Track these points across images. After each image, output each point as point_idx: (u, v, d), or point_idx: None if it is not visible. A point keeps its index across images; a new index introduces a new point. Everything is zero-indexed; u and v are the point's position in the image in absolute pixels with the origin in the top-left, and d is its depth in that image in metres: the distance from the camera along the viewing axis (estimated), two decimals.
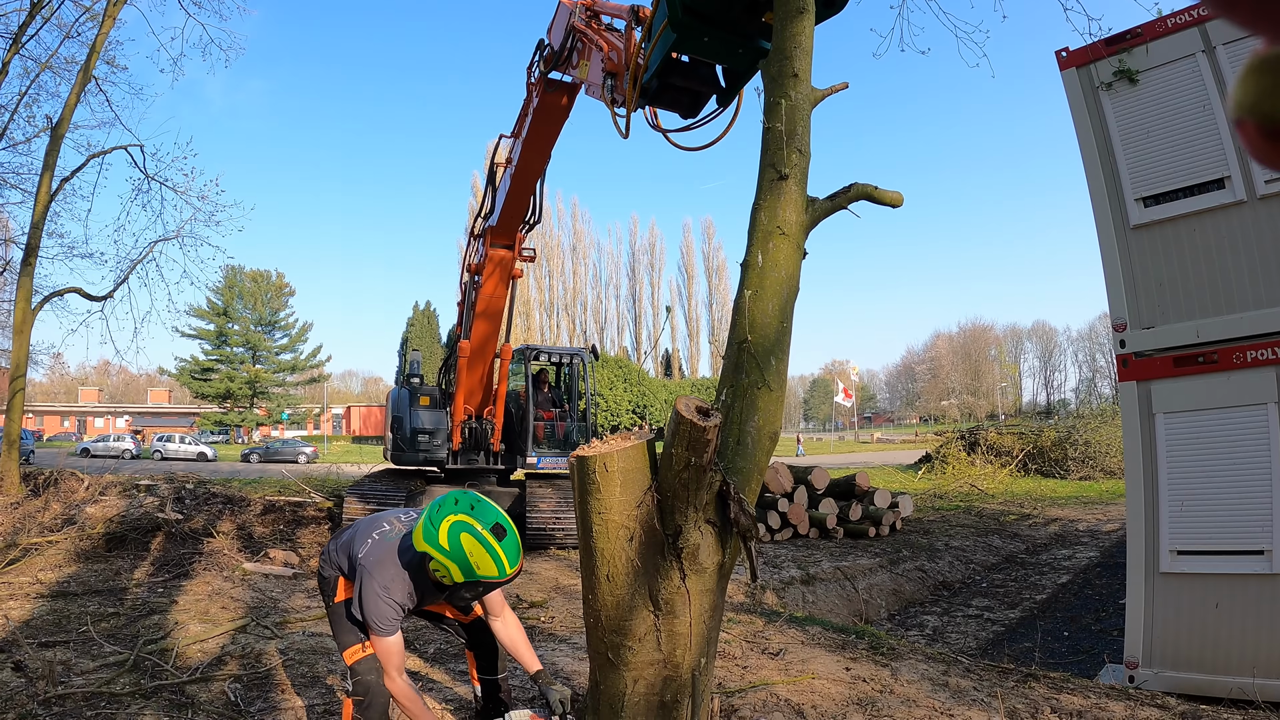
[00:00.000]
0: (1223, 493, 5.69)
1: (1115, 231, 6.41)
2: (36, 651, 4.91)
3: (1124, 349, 6.27)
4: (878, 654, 5.61)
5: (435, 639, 5.76)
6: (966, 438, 28.18)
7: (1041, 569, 12.67)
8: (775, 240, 3.26)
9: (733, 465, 3.00)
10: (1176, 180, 6.11)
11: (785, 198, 3.29)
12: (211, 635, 5.57)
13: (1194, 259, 6.04)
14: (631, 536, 2.83)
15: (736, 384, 3.13)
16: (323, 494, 14.23)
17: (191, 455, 42.68)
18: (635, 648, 2.89)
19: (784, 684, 4.80)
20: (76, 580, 7.26)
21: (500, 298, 10.02)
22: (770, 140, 3.38)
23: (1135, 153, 6.34)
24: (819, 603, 9.81)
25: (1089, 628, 9.08)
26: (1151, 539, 5.97)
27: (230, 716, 4.11)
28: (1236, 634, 5.49)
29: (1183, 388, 5.93)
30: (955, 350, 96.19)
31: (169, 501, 11.28)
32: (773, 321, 3.18)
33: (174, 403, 78.28)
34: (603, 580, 2.88)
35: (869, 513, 13.86)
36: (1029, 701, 4.57)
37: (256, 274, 65.03)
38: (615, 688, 2.96)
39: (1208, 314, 5.87)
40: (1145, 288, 6.24)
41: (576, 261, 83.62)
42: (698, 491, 2.76)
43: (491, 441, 11.25)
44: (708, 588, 2.91)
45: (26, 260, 12.02)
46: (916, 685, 4.84)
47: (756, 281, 3.22)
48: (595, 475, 2.81)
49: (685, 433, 2.65)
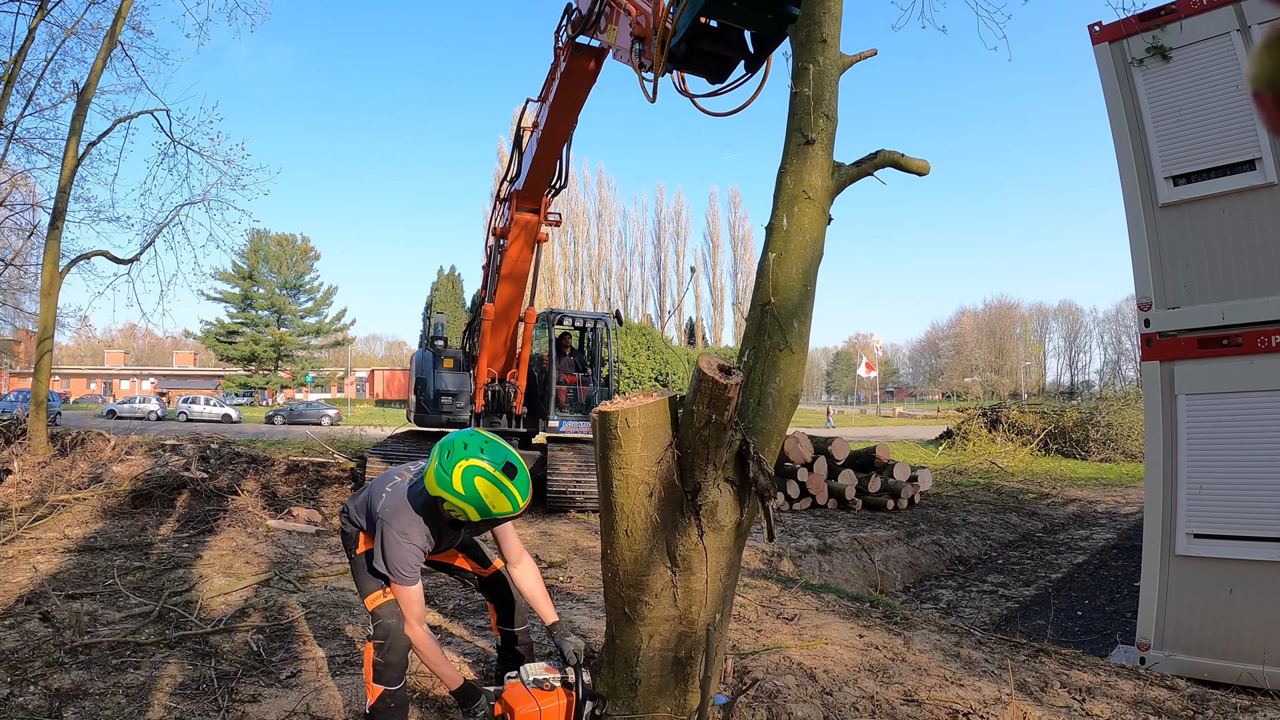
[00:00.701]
0: (1242, 477, 5.63)
1: (1143, 209, 6.34)
2: (64, 603, 5.01)
3: (1148, 328, 6.21)
4: (891, 623, 5.63)
5: (454, 595, 5.84)
6: (988, 415, 28.03)
7: (1058, 548, 12.64)
8: (800, 204, 3.27)
9: (753, 426, 3.03)
10: (1207, 160, 6.02)
11: (811, 162, 3.30)
12: (235, 589, 5.68)
13: (1222, 240, 5.96)
14: (651, 492, 2.85)
15: (759, 346, 3.15)
16: (346, 455, 14.41)
17: (216, 417, 43.29)
18: (652, 603, 2.93)
19: (797, 648, 4.83)
20: (103, 535, 7.40)
21: (525, 261, 10.04)
22: (797, 105, 3.38)
23: (1166, 131, 6.25)
24: (835, 572, 9.85)
25: (1103, 608, 9.08)
26: (1169, 520, 5.93)
27: (252, 666, 4.19)
28: (1250, 620, 5.46)
29: (1206, 370, 5.86)
30: (980, 327, 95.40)
31: (194, 461, 11.47)
32: (796, 285, 3.19)
33: (199, 365, 79.30)
34: (621, 535, 2.92)
35: (888, 485, 13.88)
36: (1039, 675, 4.58)
37: (282, 238, 65.49)
38: (631, 642, 3.01)
39: (1234, 296, 5.79)
40: (1172, 267, 6.17)
41: (602, 228, 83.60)
42: (718, 449, 2.78)
43: (514, 405, 11.34)
44: (725, 546, 2.94)
45: (54, 224, 12.10)
46: (928, 655, 4.86)
47: (781, 244, 3.24)
48: (617, 430, 2.83)
49: (707, 390, 2.67)
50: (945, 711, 3.88)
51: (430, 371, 11.56)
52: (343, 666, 4.24)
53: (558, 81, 7.78)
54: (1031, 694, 4.25)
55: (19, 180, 14.78)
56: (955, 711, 3.88)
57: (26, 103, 12.79)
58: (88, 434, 12.38)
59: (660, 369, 65.31)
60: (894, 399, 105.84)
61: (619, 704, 3.07)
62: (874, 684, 4.25)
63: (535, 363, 12.15)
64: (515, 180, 9.64)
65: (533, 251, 10.02)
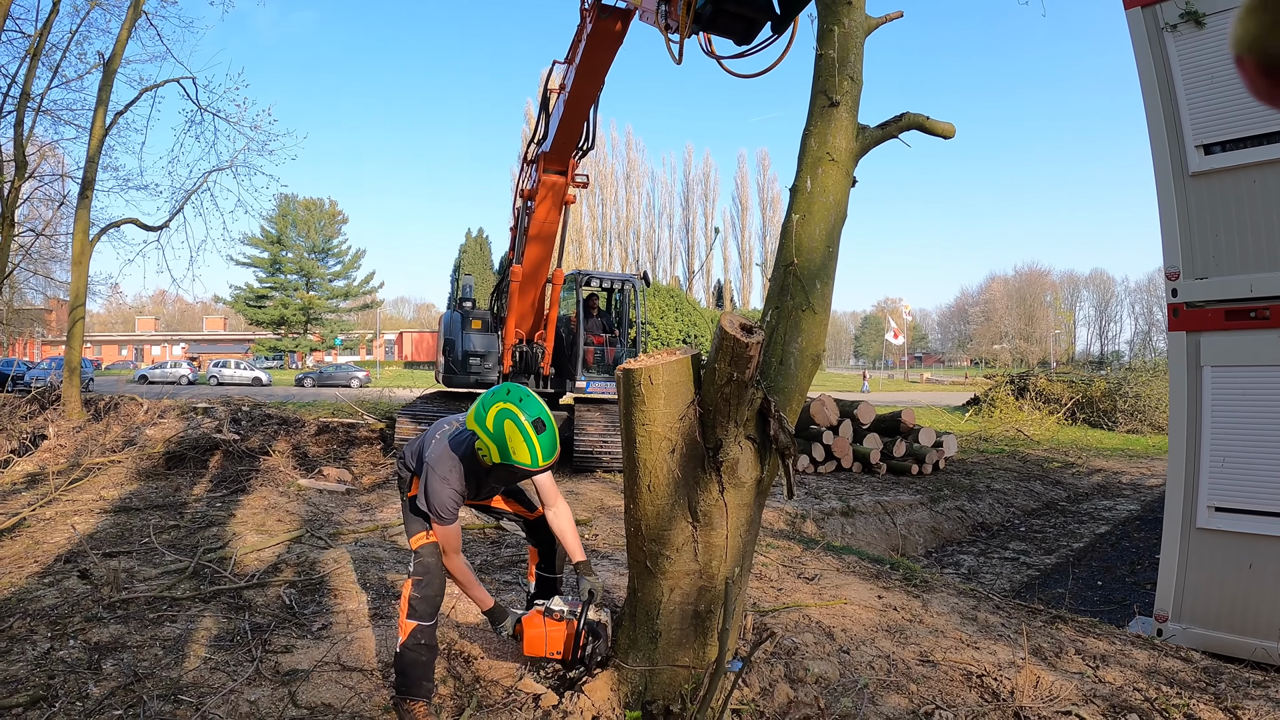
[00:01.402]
0: (1266, 452, 5.56)
1: (1173, 178, 6.22)
2: (101, 560, 5.15)
3: (1175, 298, 6.12)
4: (910, 585, 5.67)
5: (480, 553, 5.96)
6: (1016, 383, 27.80)
7: (1081, 518, 12.60)
8: (824, 166, 3.26)
9: (774, 385, 3.05)
10: (1239, 129, 5.87)
11: (835, 124, 3.29)
12: (268, 545, 5.82)
13: (1252, 211, 5.83)
14: (673, 448, 2.90)
15: (781, 306, 3.17)
16: (375, 416, 14.62)
17: (247, 380, 44.00)
18: (673, 557, 2.99)
19: (816, 607, 4.88)
20: (138, 496, 7.58)
21: (553, 223, 10.03)
22: (822, 67, 3.36)
23: (1198, 98, 6.10)
24: (858, 535, 9.88)
25: (1123, 579, 9.06)
26: (1190, 492, 5.90)
27: (285, 618, 4.32)
28: (1269, 596, 5.43)
29: (1233, 342, 5.80)
30: (1010, 294, 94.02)
31: (226, 423, 11.69)
32: (819, 246, 3.19)
33: (229, 330, 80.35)
34: (644, 490, 2.97)
35: (913, 450, 13.83)
36: (1054, 641, 4.61)
37: (310, 202, 65.90)
38: (652, 596, 3.08)
39: (1263, 269, 5.68)
40: (1201, 237, 6.06)
41: (630, 190, 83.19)
42: (739, 407, 2.81)
43: (541, 365, 11.38)
44: (745, 502, 2.98)
45: (83, 194, 12.24)
46: (946, 617, 4.90)
47: (805, 206, 3.24)
48: (640, 387, 2.89)
49: (729, 348, 2.70)
50: (960, 673, 3.93)
51: (458, 333, 11.66)
52: (372, 619, 4.36)
53: (584, 43, 7.73)
54: (1046, 659, 4.28)
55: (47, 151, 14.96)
56: (970, 673, 3.93)
57: (53, 75, 12.89)
58: (120, 399, 12.67)
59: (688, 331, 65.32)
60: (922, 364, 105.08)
61: (639, 655, 3.14)
62: (891, 644, 4.30)
63: (563, 324, 12.17)
64: (542, 142, 9.61)
65: (560, 213, 9.99)
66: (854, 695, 3.57)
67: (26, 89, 11.77)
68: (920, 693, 3.66)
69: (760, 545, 6.71)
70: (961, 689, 3.76)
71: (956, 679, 3.87)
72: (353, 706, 3.37)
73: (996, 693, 3.72)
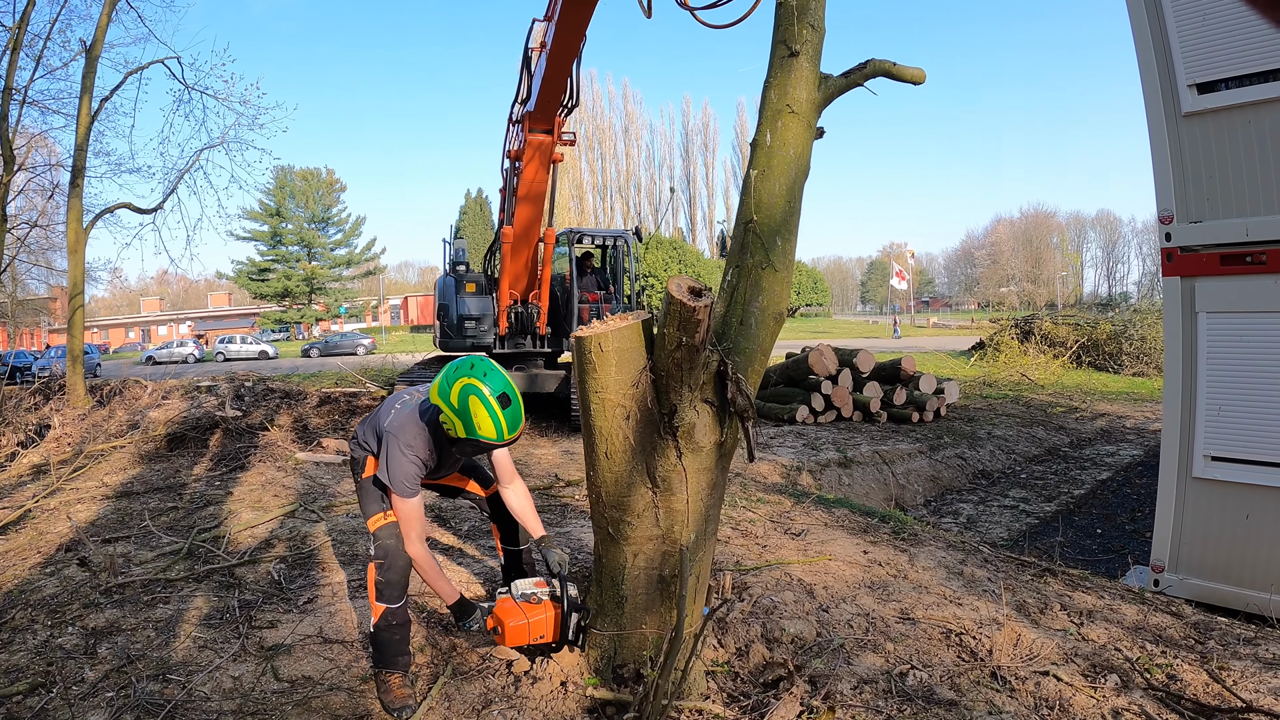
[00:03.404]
0: (1263, 401, 5.48)
1: (1165, 118, 6.03)
2: (100, 547, 5.24)
3: (1169, 243, 5.99)
4: (899, 539, 5.67)
5: (470, 518, 6.02)
6: (1021, 326, 27.50)
7: (1083, 464, 12.49)
8: (785, 119, 3.18)
9: (735, 345, 3.02)
10: (1233, 67, 5.66)
11: (796, 75, 3.19)
12: (262, 521, 5.90)
13: (1248, 152, 5.65)
14: (628, 415, 2.90)
15: (742, 264, 3.12)
16: (378, 384, 14.71)
17: (253, 354, 44.31)
18: (634, 523, 3.01)
19: (800, 564, 4.90)
20: (139, 480, 7.66)
21: (541, 182, 9.98)
22: (782, 15, 3.25)
23: (1190, 35, 5.90)
24: (855, 486, 9.86)
25: (1123, 527, 9.02)
26: (1186, 441, 5.83)
27: (273, 594, 4.40)
28: (1265, 547, 5.38)
29: (1228, 287, 5.67)
30: (1016, 236, 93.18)
31: (228, 400, 11.74)
32: (779, 202, 3.13)
33: (234, 305, 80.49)
34: (602, 458, 2.98)
35: (913, 398, 13.78)
36: (1040, 596, 4.61)
37: (306, 172, 65.61)
38: (616, 561, 3.10)
39: (1259, 212, 5.53)
40: (1195, 180, 5.91)
41: (629, 143, 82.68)
42: (692, 371, 2.79)
43: (538, 325, 11.42)
44: (705, 466, 2.98)
45: (74, 182, 12.20)
46: (931, 572, 4.90)
47: (764, 161, 3.17)
48: (591, 355, 2.87)
49: (676, 313, 2.68)
50: (939, 631, 3.93)
51: (453, 297, 11.68)
52: (357, 590, 4.43)
53: (560, 1, 7.68)
54: (1030, 615, 4.28)
55: (37, 142, 14.87)
56: (949, 631, 3.93)
57: (36, 65, 12.75)
58: (125, 383, 12.70)
59: None
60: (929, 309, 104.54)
61: (607, 620, 3.18)
62: (872, 601, 4.31)
63: (558, 283, 12.14)
64: (526, 102, 9.54)
65: (548, 172, 9.94)
66: (829, 655, 3.60)
67: (9, 83, 11.63)
68: (897, 652, 3.67)
69: (750, 500, 6.76)
70: (939, 648, 3.78)
71: (935, 637, 3.88)
72: (331, 678, 3.44)
73: (975, 652, 3.73)
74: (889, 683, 3.34)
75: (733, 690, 3.34)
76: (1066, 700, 3.26)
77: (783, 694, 3.16)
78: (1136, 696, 3.29)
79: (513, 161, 10.04)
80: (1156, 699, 3.29)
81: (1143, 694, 3.32)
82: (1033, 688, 3.36)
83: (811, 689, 3.25)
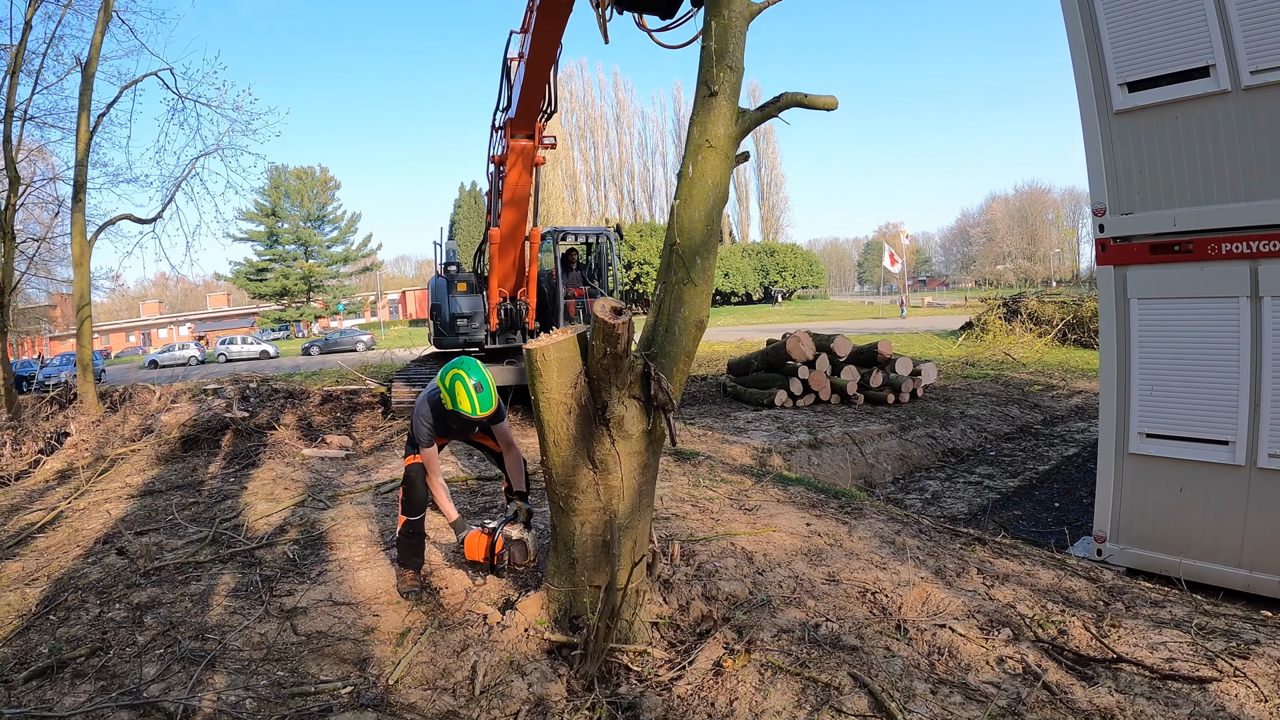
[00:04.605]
0: (1191, 381, 5.80)
1: (1098, 115, 6.35)
2: (135, 538, 5.95)
3: (1103, 233, 6.31)
4: (844, 513, 6.25)
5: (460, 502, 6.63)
6: (1008, 305, 27.65)
7: (1053, 440, 12.76)
8: (704, 153, 3.65)
9: (661, 350, 3.63)
10: (1161, 66, 5.96)
11: (715, 113, 3.65)
12: (275, 511, 6.58)
13: (1175, 147, 5.97)
14: (570, 410, 3.56)
15: (667, 281, 3.67)
16: (377, 380, 15.30)
17: (254, 354, 44.75)
18: (580, 498, 3.68)
19: (746, 535, 5.51)
20: (159, 479, 8.32)
21: (525, 185, 10.47)
22: (703, 59, 3.69)
23: (1121, 36, 6.20)
24: (824, 466, 10.24)
25: (1081, 500, 9.25)
26: (1122, 419, 6.17)
27: (289, 569, 5.12)
28: (1198, 518, 5.70)
29: (1158, 275, 5.98)
30: (1011, 213, 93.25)
31: (235, 402, 12.38)
32: (699, 227, 3.66)
33: (233, 305, 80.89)
34: (551, 445, 3.65)
35: (889, 380, 14.15)
36: (961, 562, 5.08)
37: (301, 171, 66.03)
38: (567, 530, 3.79)
39: (1186, 203, 5.83)
40: (1126, 174, 6.21)
41: (621, 132, 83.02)
42: (618, 374, 3.44)
43: (526, 320, 11.97)
44: (635, 450, 3.65)
45: (76, 197, 12.57)
46: (865, 541, 5.46)
47: (686, 191, 3.67)
48: (538, 363, 3.53)
49: (601, 329, 3.33)
50: (857, 590, 4.52)
51: (444, 297, 12.24)
52: (361, 564, 5.14)
53: (536, 13, 8.19)
54: (945, 578, 4.75)
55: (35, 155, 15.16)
56: (866, 590, 4.51)
57: (35, 83, 13.06)
58: (133, 388, 13.27)
59: None
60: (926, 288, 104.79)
61: (561, 579, 3.88)
62: (805, 566, 4.93)
63: (545, 279, 12.69)
64: (508, 109, 10.02)
65: (531, 176, 10.44)
66: (756, 610, 4.24)
67: (10, 106, 12.01)
68: (816, 607, 4.26)
69: (714, 481, 7.38)
70: (855, 604, 4.34)
71: (853, 596, 4.45)
72: (340, 632, 4.18)
73: (885, 608, 4.27)
74: (804, 632, 3.96)
75: (673, 639, 4.04)
76: (957, 648, 3.76)
77: (709, 639, 3.85)
78: (1023, 647, 3.75)
79: (497, 166, 10.58)
80: (1041, 649, 3.73)
81: (1030, 645, 3.77)
82: (929, 638, 3.88)
83: (737, 636, 3.92)
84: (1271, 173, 5.40)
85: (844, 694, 3.38)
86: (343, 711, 3.32)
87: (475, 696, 3.49)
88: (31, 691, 3.56)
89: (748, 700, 3.38)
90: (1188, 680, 3.43)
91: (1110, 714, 3.21)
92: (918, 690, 3.42)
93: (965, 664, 3.66)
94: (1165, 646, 3.77)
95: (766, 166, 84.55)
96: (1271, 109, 5.34)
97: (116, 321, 76.72)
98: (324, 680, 3.65)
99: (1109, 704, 3.26)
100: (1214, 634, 3.95)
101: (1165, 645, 3.79)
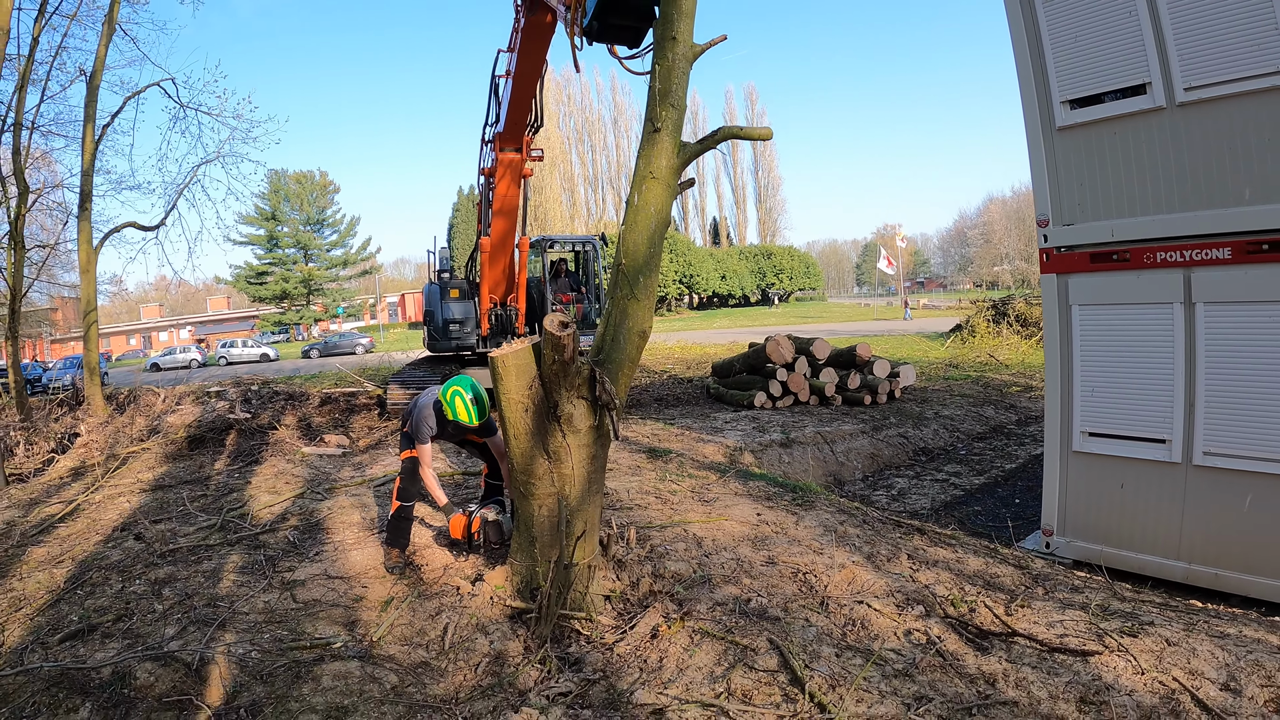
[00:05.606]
0: (1130, 382, 6.07)
1: (1042, 131, 6.64)
2: (150, 525, 6.59)
3: (1046, 243, 6.62)
4: (795, 505, 6.73)
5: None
6: (997, 307, 27.51)
7: (1023, 440, 13.01)
8: (648, 183, 4.09)
9: (608, 357, 4.19)
10: (1101, 84, 6.22)
11: (658, 147, 4.07)
12: (277, 502, 7.21)
13: (1113, 161, 6.23)
14: (527, 409, 4.16)
15: (614, 296, 4.20)
16: (375, 383, 15.84)
17: (255, 357, 45.16)
18: (537, 485, 4.28)
19: (699, 523, 6.05)
20: (169, 475, 8.95)
21: (514, 196, 10.99)
22: (649, 98, 4.10)
23: (1063, 55, 6.46)
24: (794, 464, 10.64)
25: (1040, 497, 9.53)
26: (1066, 419, 6.47)
27: (290, 550, 5.76)
28: (1139, 512, 6.01)
29: (1097, 282, 6.26)
30: (1008, 215, 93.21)
31: (237, 404, 12.99)
32: (642, 249, 4.13)
33: (233, 308, 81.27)
34: (512, 439, 4.26)
35: (867, 382, 14.51)
36: (894, 549, 5.51)
37: (300, 176, 66.60)
38: (527, 512, 4.39)
39: (1123, 214, 6.10)
40: (1068, 187, 6.49)
41: (618, 134, 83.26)
42: (567, 378, 4.03)
43: (516, 326, 12.50)
44: (584, 443, 4.24)
45: (82, 206, 13.02)
46: (810, 530, 5.94)
47: (631, 218, 4.14)
48: (500, 369, 4.13)
49: (550, 339, 3.93)
50: (791, 571, 5.02)
51: (438, 303, 12.78)
52: (354, 546, 5.77)
53: (520, 34, 8.66)
54: (875, 563, 5.16)
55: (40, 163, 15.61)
56: (798, 571, 5.01)
57: (41, 94, 13.49)
58: (138, 391, 13.87)
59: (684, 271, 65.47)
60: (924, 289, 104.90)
61: (523, 555, 4.50)
62: (748, 550, 5.45)
63: (534, 285, 13.22)
64: (496, 124, 10.50)
65: (519, 187, 10.96)
66: (696, 586, 4.83)
67: (19, 118, 12.42)
68: (751, 585, 4.80)
69: (680, 476, 7.94)
70: (786, 583, 4.84)
71: (786, 575, 4.95)
72: (333, 599, 4.83)
73: (813, 586, 4.75)
74: (735, 605, 4.52)
75: (621, 610, 4.66)
76: (869, 621, 4.22)
77: (650, 609, 4.46)
78: (931, 622, 4.16)
79: (487, 178, 11.12)
80: (948, 624, 4.12)
81: (938, 621, 4.18)
82: (847, 612, 4.35)
83: (677, 607, 4.52)
84: (1204, 185, 5.63)
85: (758, 654, 3.93)
86: (332, 661, 3.95)
87: (445, 650, 4.14)
88: (66, 650, 4.16)
89: (676, 658, 3.98)
90: (1072, 653, 3.74)
91: (994, 679, 3.59)
92: (824, 653, 3.92)
93: (874, 634, 4.10)
94: (1062, 624, 4.10)
95: (764, 169, 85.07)
96: (1204, 124, 5.60)
97: (117, 324, 76.90)
98: (318, 637, 4.28)
99: (995, 670, 3.63)
100: (1113, 615, 4.25)
101: (1063, 623, 4.10)
